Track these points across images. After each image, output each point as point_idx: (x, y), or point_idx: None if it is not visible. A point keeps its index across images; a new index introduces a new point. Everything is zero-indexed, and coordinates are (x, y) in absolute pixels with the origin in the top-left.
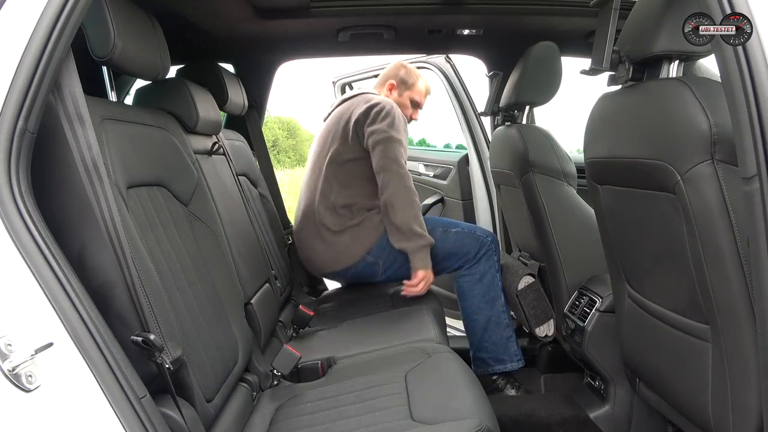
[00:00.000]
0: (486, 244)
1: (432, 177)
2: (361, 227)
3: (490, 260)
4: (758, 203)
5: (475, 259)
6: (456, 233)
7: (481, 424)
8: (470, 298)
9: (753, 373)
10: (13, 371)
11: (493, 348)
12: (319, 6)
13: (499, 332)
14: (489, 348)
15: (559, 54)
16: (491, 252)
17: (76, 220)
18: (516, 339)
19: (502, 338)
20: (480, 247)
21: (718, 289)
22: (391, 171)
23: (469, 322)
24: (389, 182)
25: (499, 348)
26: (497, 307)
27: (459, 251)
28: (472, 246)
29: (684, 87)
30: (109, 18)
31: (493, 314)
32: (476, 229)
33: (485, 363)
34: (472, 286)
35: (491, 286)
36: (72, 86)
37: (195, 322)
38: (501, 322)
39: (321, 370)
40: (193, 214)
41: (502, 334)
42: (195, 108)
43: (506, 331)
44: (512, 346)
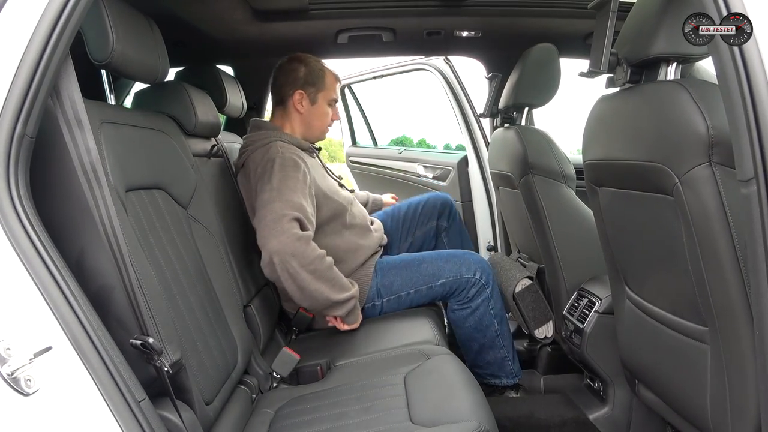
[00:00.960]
0: (475, 283)
1: (431, 179)
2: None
3: (482, 294)
4: (755, 206)
5: (467, 299)
6: (442, 285)
7: (480, 426)
8: (462, 328)
9: (751, 374)
10: (12, 375)
11: (488, 366)
12: (318, 8)
13: (494, 354)
14: (484, 366)
15: (557, 56)
16: (483, 287)
17: (74, 224)
18: (513, 356)
19: (497, 359)
20: (470, 288)
21: (716, 292)
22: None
23: (462, 345)
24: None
25: (494, 367)
26: (491, 332)
27: (448, 295)
28: (462, 289)
29: (681, 89)
30: (107, 21)
31: (487, 340)
32: (462, 270)
33: (480, 376)
34: (465, 318)
35: (484, 316)
36: (71, 90)
37: (194, 325)
38: (495, 345)
39: (320, 372)
40: (192, 217)
41: (497, 355)
42: (194, 111)
43: (501, 352)
44: (508, 365)
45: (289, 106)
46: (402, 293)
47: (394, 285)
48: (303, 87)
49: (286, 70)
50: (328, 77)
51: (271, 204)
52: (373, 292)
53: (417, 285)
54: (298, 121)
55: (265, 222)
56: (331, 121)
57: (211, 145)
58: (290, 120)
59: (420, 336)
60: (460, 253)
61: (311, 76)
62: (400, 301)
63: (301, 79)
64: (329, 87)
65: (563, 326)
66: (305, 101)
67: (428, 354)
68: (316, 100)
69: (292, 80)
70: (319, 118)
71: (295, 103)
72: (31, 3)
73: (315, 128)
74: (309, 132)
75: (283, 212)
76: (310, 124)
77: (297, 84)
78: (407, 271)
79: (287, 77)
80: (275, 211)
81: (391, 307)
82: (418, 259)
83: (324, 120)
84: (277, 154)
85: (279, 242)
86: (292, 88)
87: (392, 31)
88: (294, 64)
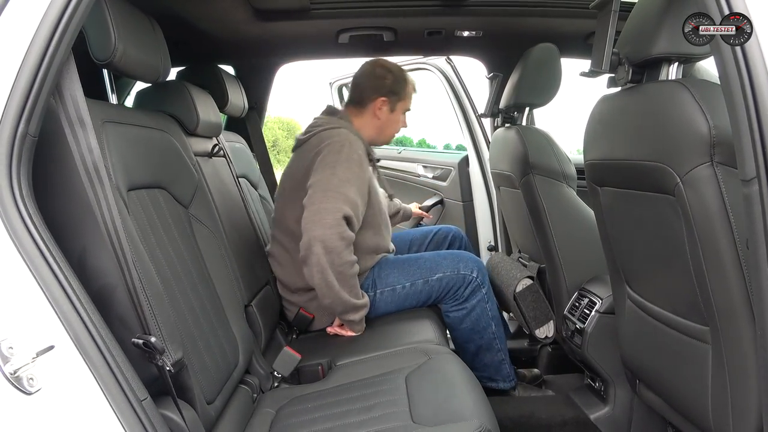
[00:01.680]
0: (471, 281)
1: (431, 178)
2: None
3: (478, 294)
4: (757, 205)
5: (462, 297)
6: (438, 279)
7: (481, 425)
8: (459, 330)
9: (752, 374)
10: (15, 374)
11: (485, 369)
12: (318, 8)
13: (491, 356)
14: (480, 368)
15: (558, 55)
16: (478, 286)
17: (77, 223)
18: (509, 361)
19: (494, 361)
20: (466, 286)
21: (718, 291)
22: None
23: (459, 347)
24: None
25: (490, 369)
26: (488, 334)
27: (444, 295)
28: (458, 286)
29: (683, 89)
30: (109, 21)
31: (484, 342)
32: (460, 266)
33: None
34: (461, 320)
35: (480, 318)
36: (73, 89)
37: (196, 324)
38: (492, 347)
39: (321, 371)
40: (193, 216)
41: (494, 357)
42: (195, 110)
43: (498, 355)
44: (504, 368)
45: (367, 109)
46: (397, 286)
47: (390, 277)
48: (387, 95)
49: (372, 75)
50: (409, 87)
51: (330, 192)
52: (369, 283)
53: (413, 278)
54: (371, 126)
55: (317, 207)
56: (399, 129)
57: (212, 144)
58: (364, 121)
59: (421, 335)
60: (457, 252)
61: (396, 86)
62: (395, 294)
63: (387, 87)
64: (408, 97)
65: (564, 326)
66: (385, 108)
67: (429, 353)
68: (395, 109)
69: (378, 86)
70: (392, 125)
71: (376, 109)
72: (34, 2)
73: (386, 135)
74: (378, 137)
75: (337, 205)
76: (383, 130)
77: (382, 91)
78: (405, 265)
79: (373, 82)
80: (331, 201)
81: (385, 300)
82: (416, 256)
83: (396, 128)
84: (347, 142)
85: (324, 234)
86: (376, 93)
87: (393, 30)
88: (382, 71)
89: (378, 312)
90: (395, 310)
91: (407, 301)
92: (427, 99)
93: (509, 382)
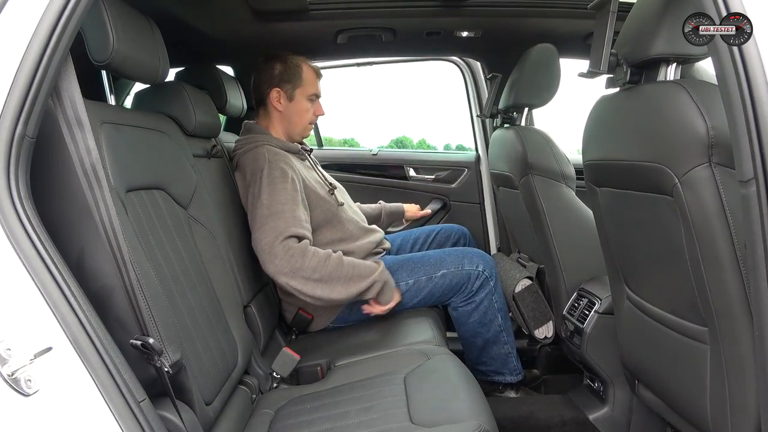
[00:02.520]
0: (477, 276)
1: (431, 182)
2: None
3: (486, 287)
4: (755, 206)
5: (472, 292)
6: (442, 276)
7: (480, 426)
8: (466, 324)
9: (751, 375)
10: (12, 376)
11: (492, 362)
12: (317, 8)
13: (497, 349)
14: (487, 362)
15: (557, 56)
16: (486, 279)
17: (75, 224)
18: (516, 354)
19: (500, 354)
20: (473, 282)
21: (716, 292)
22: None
23: (466, 343)
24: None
25: (497, 363)
26: (494, 327)
27: (450, 292)
28: (464, 283)
29: (681, 90)
30: (108, 22)
31: (491, 335)
32: (465, 262)
33: (483, 374)
34: (469, 314)
35: (488, 311)
36: (71, 91)
37: (194, 325)
38: (499, 340)
39: (320, 372)
40: (192, 217)
41: (501, 350)
42: (194, 111)
43: (505, 348)
44: (511, 361)
45: (268, 105)
46: (401, 283)
47: (394, 275)
48: (279, 84)
49: (262, 69)
50: (306, 72)
51: (264, 227)
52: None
53: (417, 275)
54: (278, 120)
55: (261, 246)
56: (314, 117)
57: (211, 145)
58: (272, 119)
59: (420, 336)
60: (462, 248)
61: (287, 73)
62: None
63: (276, 77)
64: (307, 82)
65: (563, 326)
66: (283, 98)
67: (428, 354)
68: (293, 97)
69: (269, 78)
70: (298, 114)
71: (273, 101)
72: (32, 3)
73: (296, 125)
74: (291, 129)
75: (274, 235)
76: (290, 120)
77: (273, 82)
78: (409, 263)
79: (264, 76)
80: (268, 234)
81: None
82: (420, 254)
83: (304, 116)
84: (264, 162)
85: (275, 266)
86: (268, 86)
87: (392, 31)
88: (270, 63)
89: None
90: (399, 308)
91: (412, 299)
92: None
93: (517, 375)
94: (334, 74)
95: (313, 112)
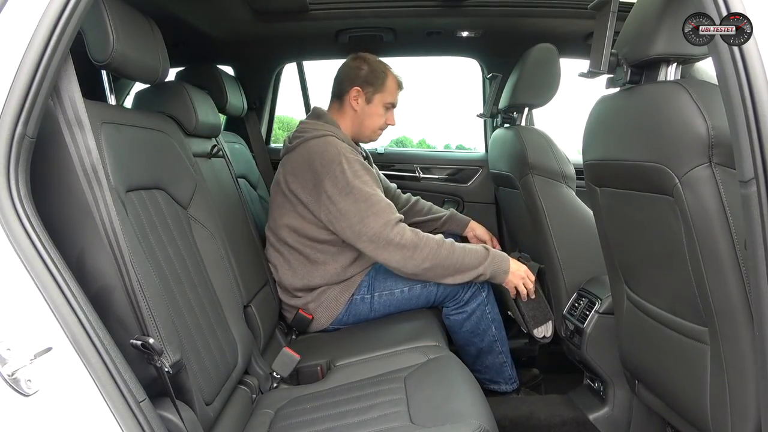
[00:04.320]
0: (470, 285)
1: (444, 181)
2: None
3: (478, 297)
4: (755, 206)
5: (462, 301)
6: (437, 284)
7: (480, 426)
8: (459, 333)
9: (751, 375)
10: (12, 376)
11: (486, 371)
12: (318, 8)
13: (492, 359)
14: (482, 371)
15: (557, 56)
16: (478, 290)
17: (75, 224)
18: (511, 362)
19: (495, 364)
20: (466, 290)
21: (716, 292)
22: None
23: (460, 350)
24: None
25: (492, 372)
26: (488, 337)
27: (444, 299)
28: (457, 290)
29: (682, 90)
30: (108, 22)
31: (484, 345)
32: None
33: (479, 381)
34: (461, 323)
35: (480, 321)
36: (71, 90)
37: (194, 325)
38: (493, 350)
39: (320, 372)
40: (192, 217)
41: (495, 360)
42: (194, 111)
43: (499, 357)
44: (506, 371)
45: (345, 101)
46: (395, 290)
47: (388, 281)
48: (361, 85)
49: (349, 67)
50: (389, 80)
51: (368, 217)
52: (366, 286)
53: (411, 282)
54: (350, 118)
55: (369, 236)
56: (384, 125)
57: (211, 145)
58: (345, 115)
59: (420, 336)
60: None
61: (372, 76)
62: (393, 298)
63: (361, 77)
64: (388, 90)
65: (563, 326)
66: (361, 99)
67: (428, 354)
68: (371, 100)
69: (353, 77)
70: (371, 117)
71: (351, 100)
72: (32, 3)
73: (366, 127)
74: (360, 131)
75: (383, 222)
76: (362, 123)
77: (356, 81)
78: None
79: (349, 73)
80: (375, 222)
81: (383, 304)
82: None
83: (376, 121)
84: (339, 155)
85: (388, 254)
86: (350, 84)
87: (392, 31)
88: (358, 62)
89: (377, 315)
90: (395, 311)
91: (406, 305)
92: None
93: (511, 384)
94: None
95: (386, 120)
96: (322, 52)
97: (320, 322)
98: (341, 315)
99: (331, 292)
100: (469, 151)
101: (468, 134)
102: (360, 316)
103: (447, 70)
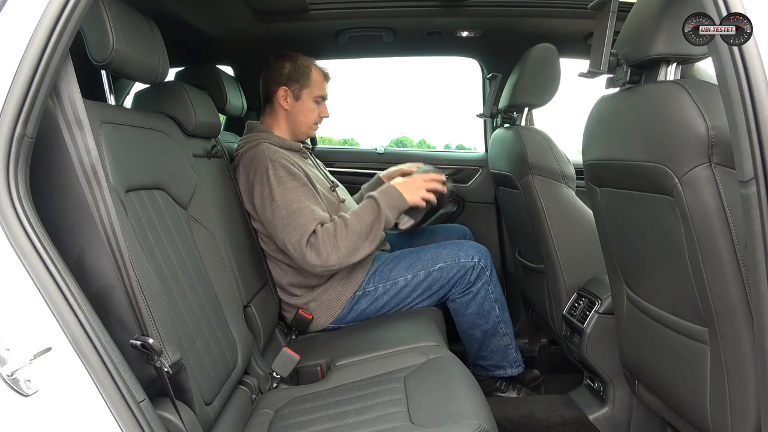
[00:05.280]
0: (473, 267)
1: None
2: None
3: (482, 278)
4: (755, 206)
5: (470, 283)
6: (440, 269)
7: (480, 426)
8: (464, 316)
9: (751, 374)
10: (12, 376)
11: (492, 356)
12: (318, 8)
13: (497, 341)
14: (488, 356)
15: (557, 56)
16: (482, 271)
17: (74, 225)
18: (515, 346)
19: (500, 347)
20: (470, 274)
21: (716, 292)
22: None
23: (465, 335)
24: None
25: (497, 356)
26: (492, 318)
27: (448, 284)
28: (461, 274)
29: (681, 90)
30: (107, 22)
31: (489, 326)
32: (460, 254)
33: (484, 369)
34: (467, 304)
35: (484, 301)
36: (71, 91)
37: (194, 325)
38: (497, 332)
39: (320, 372)
40: (192, 218)
41: (500, 342)
42: (194, 111)
43: (504, 340)
44: (511, 353)
45: (275, 103)
46: (399, 279)
47: (392, 271)
48: (287, 83)
49: (272, 68)
50: (314, 74)
51: (287, 228)
52: (368, 281)
53: (414, 270)
54: (283, 118)
55: (289, 247)
56: (319, 118)
57: (211, 145)
58: (277, 117)
59: (420, 336)
60: (459, 241)
61: (295, 73)
62: (397, 287)
63: (285, 76)
64: (315, 84)
65: (563, 326)
66: (289, 97)
67: (428, 354)
68: (300, 96)
69: (277, 77)
70: (303, 113)
71: (280, 100)
72: (31, 3)
73: (300, 124)
74: (295, 128)
75: (300, 234)
76: (296, 120)
77: (281, 81)
78: (406, 258)
79: (273, 74)
80: (293, 234)
81: (388, 294)
82: (417, 249)
83: (309, 116)
84: (267, 162)
85: (310, 264)
86: (276, 84)
87: (392, 31)
88: (280, 62)
89: (382, 305)
90: (399, 303)
91: (411, 294)
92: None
93: (517, 368)
94: (334, 73)
95: (319, 114)
96: (322, 52)
97: (320, 321)
98: (343, 313)
99: (333, 291)
100: (469, 151)
101: (468, 134)
102: (365, 313)
103: (447, 70)
